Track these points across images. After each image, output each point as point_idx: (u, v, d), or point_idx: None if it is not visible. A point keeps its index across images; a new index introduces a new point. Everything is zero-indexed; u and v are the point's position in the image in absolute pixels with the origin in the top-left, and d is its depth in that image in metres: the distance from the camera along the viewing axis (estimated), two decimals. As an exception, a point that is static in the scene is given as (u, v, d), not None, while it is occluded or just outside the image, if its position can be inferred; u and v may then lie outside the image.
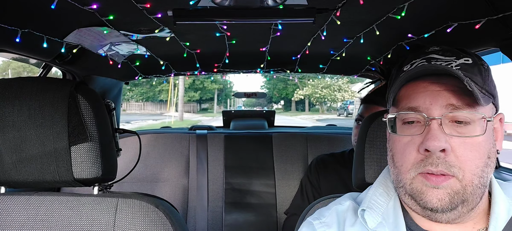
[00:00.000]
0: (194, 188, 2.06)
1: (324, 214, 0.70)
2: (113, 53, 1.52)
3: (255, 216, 2.01)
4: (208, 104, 40.51)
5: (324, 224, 0.68)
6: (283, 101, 43.35)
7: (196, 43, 1.49)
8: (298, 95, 35.60)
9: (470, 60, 0.60)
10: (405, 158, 0.60)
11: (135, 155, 1.21)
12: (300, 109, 40.54)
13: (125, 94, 29.74)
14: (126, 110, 33.01)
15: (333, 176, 1.65)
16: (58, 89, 0.80)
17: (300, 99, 37.67)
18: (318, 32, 1.29)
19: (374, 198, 0.67)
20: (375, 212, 0.65)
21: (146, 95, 34.86)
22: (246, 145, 2.14)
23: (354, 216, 0.67)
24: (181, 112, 16.89)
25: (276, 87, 38.29)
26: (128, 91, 31.13)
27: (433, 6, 0.99)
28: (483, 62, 0.62)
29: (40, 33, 1.10)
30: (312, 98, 35.82)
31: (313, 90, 33.63)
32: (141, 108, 34.68)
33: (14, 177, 0.81)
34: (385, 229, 0.63)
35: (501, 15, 0.85)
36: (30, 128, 0.79)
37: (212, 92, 36.31)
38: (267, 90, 39.64)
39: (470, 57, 0.61)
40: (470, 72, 0.58)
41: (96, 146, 0.82)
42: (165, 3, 1.01)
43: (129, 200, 0.83)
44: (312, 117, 27.08)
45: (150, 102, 35.93)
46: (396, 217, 0.64)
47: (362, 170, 0.82)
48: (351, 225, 0.66)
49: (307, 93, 34.51)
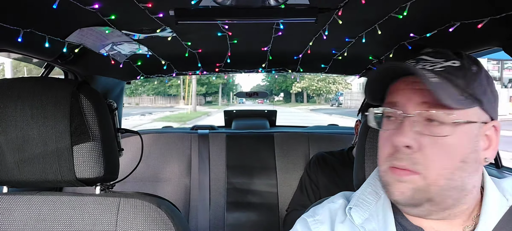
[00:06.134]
0: (196, 187, 2.06)
1: (317, 212, 0.72)
2: (115, 53, 1.53)
3: (257, 215, 2.01)
4: (212, 97, 42.71)
5: (317, 222, 0.70)
6: (283, 94, 45.95)
7: (197, 43, 1.49)
8: (296, 88, 38.41)
9: (457, 63, 0.60)
10: (381, 151, 0.63)
11: (137, 155, 1.21)
12: (299, 101, 42.76)
13: (138, 90, 35.17)
14: (139, 104, 35.80)
15: (331, 174, 1.68)
16: (60, 89, 0.81)
17: (299, 91, 40.55)
18: (320, 32, 1.29)
19: (362, 196, 0.70)
20: (362, 209, 0.68)
21: (157, 90, 37.32)
22: (248, 145, 2.14)
23: (344, 214, 0.70)
24: (194, 105, 18.51)
25: (276, 80, 40.46)
26: (141, 87, 34.21)
27: (435, 5, 0.99)
28: (473, 66, 0.60)
29: (42, 33, 1.10)
30: (309, 91, 39.05)
31: (310, 83, 36.61)
32: (153, 102, 36.93)
33: (16, 177, 0.82)
34: (372, 224, 0.65)
35: (503, 14, 0.84)
36: (32, 127, 0.79)
37: (217, 87, 38.72)
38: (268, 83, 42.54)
39: (460, 60, 0.60)
40: (453, 75, 0.58)
41: (98, 145, 0.83)
42: (167, 3, 1.01)
43: (131, 199, 0.83)
44: (307, 108, 31.35)
45: (160, 96, 38.49)
46: (385, 213, 0.65)
47: (363, 170, 0.82)
48: (340, 222, 0.68)
49: (304, 86, 37.52)
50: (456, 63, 0.60)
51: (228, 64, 1.88)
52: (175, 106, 31.40)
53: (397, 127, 0.59)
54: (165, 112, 21.79)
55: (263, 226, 2.00)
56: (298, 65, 1.96)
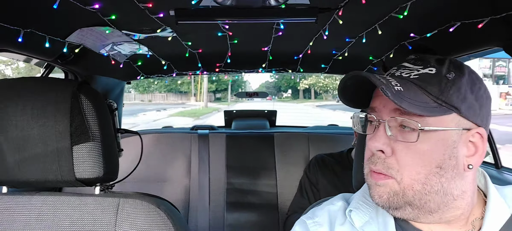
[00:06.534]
0: (195, 188, 2.06)
1: (317, 214, 0.72)
2: (115, 53, 1.53)
3: (257, 216, 2.01)
4: (222, 94, 44.91)
5: (316, 224, 0.70)
6: (291, 90, 47.68)
7: (198, 43, 1.49)
8: (303, 84, 39.76)
9: (433, 70, 0.60)
10: (365, 154, 0.64)
11: (137, 155, 1.21)
12: (307, 97, 44.04)
13: (150, 87, 36.74)
14: (152, 101, 38.19)
15: (331, 175, 1.67)
16: (60, 89, 0.81)
17: (306, 88, 41.94)
18: (320, 32, 1.29)
19: (362, 199, 0.70)
20: (363, 212, 0.68)
21: (169, 87, 39.01)
22: (248, 145, 2.14)
23: (344, 216, 0.70)
24: (206, 101, 19.65)
25: (284, 77, 41.79)
26: (153, 84, 35.99)
27: (435, 5, 0.99)
28: (452, 73, 0.59)
29: (43, 33, 1.10)
30: (316, 87, 40.37)
31: (317, 80, 37.70)
32: (165, 99, 39.04)
33: (16, 177, 0.82)
34: (372, 227, 0.65)
35: (504, 14, 0.84)
36: (32, 127, 0.79)
37: (226, 84, 40.25)
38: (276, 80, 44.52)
39: (438, 67, 0.60)
40: (427, 82, 0.58)
41: (98, 146, 0.82)
42: (167, 3, 1.01)
43: (131, 200, 0.83)
44: (313, 104, 33.29)
45: (172, 93, 40.53)
46: (385, 216, 0.65)
47: (362, 172, 0.82)
48: (340, 224, 0.68)
49: (311, 82, 38.72)
50: (432, 71, 0.60)
51: (228, 64, 1.88)
52: (186, 102, 33.34)
53: (373, 132, 0.61)
54: (178, 108, 23.57)
55: (263, 226, 2.00)
56: (298, 65, 1.96)
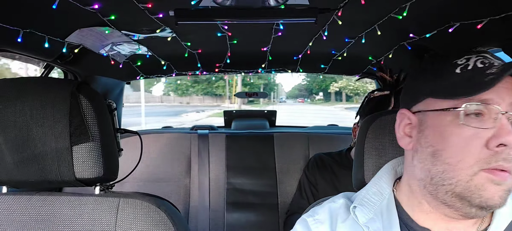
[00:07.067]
0: (195, 188, 2.06)
1: (317, 212, 0.72)
2: (114, 53, 1.52)
3: (257, 216, 2.01)
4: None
5: (317, 221, 0.70)
6: (322, 93, 49.38)
7: (197, 43, 1.49)
8: (334, 87, 41.39)
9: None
10: (467, 152, 0.55)
11: (137, 155, 1.21)
12: (338, 99, 45.74)
13: (188, 90, 40.07)
14: (190, 103, 41.13)
15: (330, 175, 1.67)
16: (60, 89, 0.81)
17: (336, 91, 43.38)
18: (320, 32, 1.29)
19: (367, 196, 0.69)
20: (367, 209, 0.67)
21: (205, 90, 41.08)
22: (248, 145, 2.14)
23: (346, 213, 0.69)
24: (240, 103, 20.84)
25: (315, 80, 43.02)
26: (191, 88, 39.22)
27: (435, 6, 0.99)
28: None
29: (42, 33, 1.10)
30: (346, 90, 41.47)
31: (347, 83, 38.51)
32: (202, 102, 42.12)
33: (16, 177, 0.81)
34: (376, 223, 0.65)
35: (503, 14, 0.84)
36: (32, 127, 0.79)
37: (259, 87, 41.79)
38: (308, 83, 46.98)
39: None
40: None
41: (97, 146, 0.82)
42: (166, 3, 1.01)
43: (131, 200, 0.83)
44: (343, 106, 34.71)
45: (208, 96, 43.20)
46: (390, 213, 0.65)
47: (362, 171, 0.82)
48: (342, 221, 0.68)
49: (342, 86, 39.94)
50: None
51: (228, 65, 1.88)
52: (221, 104, 35.83)
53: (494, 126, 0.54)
54: (215, 110, 25.76)
55: (263, 226, 2.00)
56: (298, 66, 1.96)
